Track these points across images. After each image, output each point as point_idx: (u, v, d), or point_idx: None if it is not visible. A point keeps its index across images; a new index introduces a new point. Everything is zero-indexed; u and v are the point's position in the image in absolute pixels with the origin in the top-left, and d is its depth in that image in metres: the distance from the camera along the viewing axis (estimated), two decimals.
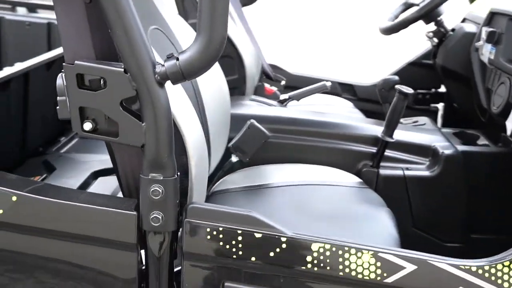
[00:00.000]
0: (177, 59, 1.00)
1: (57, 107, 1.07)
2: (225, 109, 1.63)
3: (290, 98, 2.01)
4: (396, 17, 2.19)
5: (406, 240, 1.41)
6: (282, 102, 2.02)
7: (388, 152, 1.75)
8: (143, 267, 1.14)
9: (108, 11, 0.98)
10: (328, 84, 2.00)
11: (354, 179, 1.67)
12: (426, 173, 1.77)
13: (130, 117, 1.04)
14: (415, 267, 1.10)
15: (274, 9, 7.61)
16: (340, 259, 1.11)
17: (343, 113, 2.08)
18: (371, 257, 1.10)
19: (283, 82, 2.14)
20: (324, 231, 1.23)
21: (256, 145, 1.72)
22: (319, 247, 1.10)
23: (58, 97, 1.07)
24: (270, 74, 2.11)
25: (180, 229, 1.12)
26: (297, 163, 1.74)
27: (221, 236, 1.10)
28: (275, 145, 1.78)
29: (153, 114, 1.03)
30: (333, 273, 1.11)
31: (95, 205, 1.11)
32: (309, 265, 1.10)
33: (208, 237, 1.11)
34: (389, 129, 1.69)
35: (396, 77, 1.99)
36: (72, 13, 1.04)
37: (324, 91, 2.00)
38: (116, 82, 1.02)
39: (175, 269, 1.16)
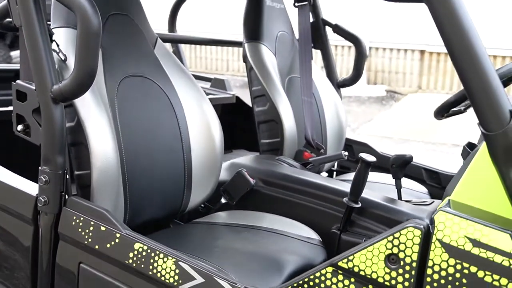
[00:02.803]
0: (61, 83, 1.39)
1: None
2: (214, 153, 1.88)
3: (310, 163, 2.16)
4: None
5: None
6: (305, 165, 2.17)
7: (360, 219, 1.78)
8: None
9: (26, 37, 1.42)
10: (345, 154, 2.09)
11: (310, 235, 1.75)
12: None
13: (35, 122, 1.45)
14: (203, 280, 1.23)
15: None
16: (151, 260, 1.30)
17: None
18: (173, 264, 1.28)
19: (322, 150, 2.27)
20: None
21: (241, 191, 1.95)
22: (139, 247, 1.32)
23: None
24: (311, 141, 2.28)
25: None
26: (277, 213, 1.88)
27: (80, 224, 1.41)
28: (263, 195, 1.96)
29: (46, 122, 1.42)
30: (145, 271, 1.31)
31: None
32: (130, 260, 1.33)
33: (73, 223, 1.42)
34: (353, 195, 1.73)
35: (409, 155, 1.97)
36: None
37: (343, 160, 2.09)
38: (31, 96, 1.45)
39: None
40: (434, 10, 1.11)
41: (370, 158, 1.70)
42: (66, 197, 1.46)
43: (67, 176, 1.46)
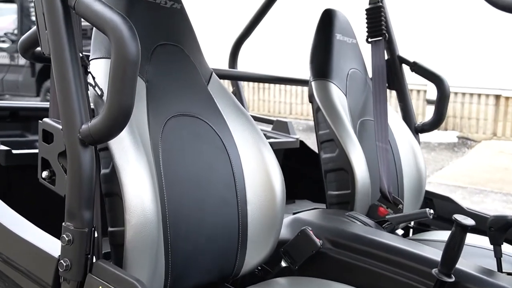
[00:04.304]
0: (90, 122, 1.15)
1: None
2: (274, 207, 1.60)
3: (388, 221, 1.82)
4: None
5: None
6: (381, 224, 1.84)
7: None
8: None
9: (54, 67, 1.20)
10: (431, 212, 1.75)
11: None
12: None
13: (61, 169, 1.21)
14: None
15: None
16: None
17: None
18: None
19: (400, 206, 1.94)
20: None
21: (306, 254, 1.64)
22: None
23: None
24: (387, 195, 1.95)
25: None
26: (348, 283, 1.56)
27: None
28: (331, 260, 1.64)
29: (72, 169, 1.18)
30: None
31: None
32: None
33: None
34: (445, 266, 1.39)
35: (511, 216, 1.61)
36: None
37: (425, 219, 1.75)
38: (57, 138, 1.21)
39: None
40: None
41: (468, 221, 1.37)
42: (93, 260, 1.20)
43: (95, 235, 1.21)
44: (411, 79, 2.55)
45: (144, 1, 1.51)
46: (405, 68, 2.43)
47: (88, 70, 1.29)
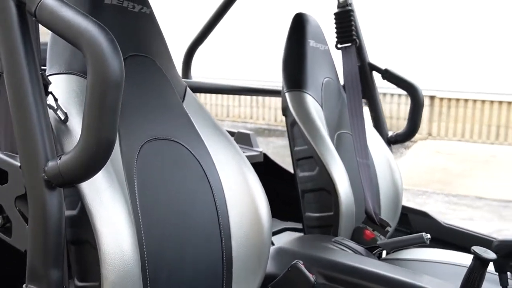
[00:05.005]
0: (60, 158, 0.91)
1: None
2: (260, 238, 1.40)
3: (380, 247, 1.67)
4: None
5: None
6: (371, 250, 1.69)
7: None
8: None
9: (8, 86, 0.95)
10: (428, 237, 1.61)
11: None
12: None
13: (19, 216, 0.96)
14: None
15: None
16: None
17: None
18: None
19: (388, 228, 1.79)
20: None
21: None
22: None
23: None
24: (373, 216, 1.80)
25: None
26: None
27: None
28: None
29: (35, 217, 0.93)
30: None
31: None
32: None
33: None
34: None
35: None
36: None
37: (424, 244, 1.60)
38: (14, 177, 0.97)
39: None
40: None
41: (489, 254, 1.23)
42: None
43: None
44: None
45: (110, 4, 1.27)
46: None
47: (49, 90, 1.04)
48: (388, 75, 2.25)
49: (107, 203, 1.04)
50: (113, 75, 0.84)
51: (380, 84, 2.35)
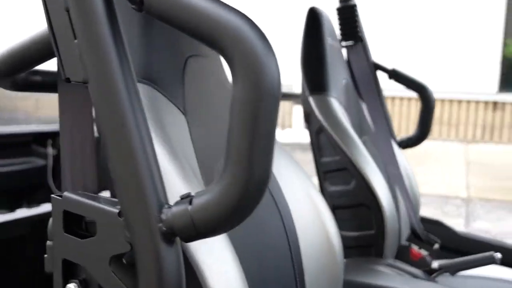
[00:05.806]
0: (191, 202, 0.63)
1: (45, 256, 0.77)
2: (335, 271, 1.18)
3: (442, 269, 1.49)
4: None
5: None
6: (431, 273, 1.50)
7: None
8: None
9: (99, 115, 0.67)
10: (498, 255, 1.45)
11: None
12: None
13: (117, 281, 0.68)
14: None
15: None
16: None
17: None
18: None
19: (436, 246, 1.63)
20: None
21: None
22: None
23: (47, 242, 0.77)
24: (419, 233, 1.62)
25: None
26: None
27: None
28: None
29: (149, 282, 0.65)
30: None
31: None
32: None
33: None
34: None
35: None
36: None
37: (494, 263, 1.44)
38: (107, 229, 0.68)
39: None
40: None
41: None
42: None
43: None
44: None
45: None
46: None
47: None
48: (395, 75, 2.09)
49: (216, 252, 0.77)
50: (272, 87, 0.59)
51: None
